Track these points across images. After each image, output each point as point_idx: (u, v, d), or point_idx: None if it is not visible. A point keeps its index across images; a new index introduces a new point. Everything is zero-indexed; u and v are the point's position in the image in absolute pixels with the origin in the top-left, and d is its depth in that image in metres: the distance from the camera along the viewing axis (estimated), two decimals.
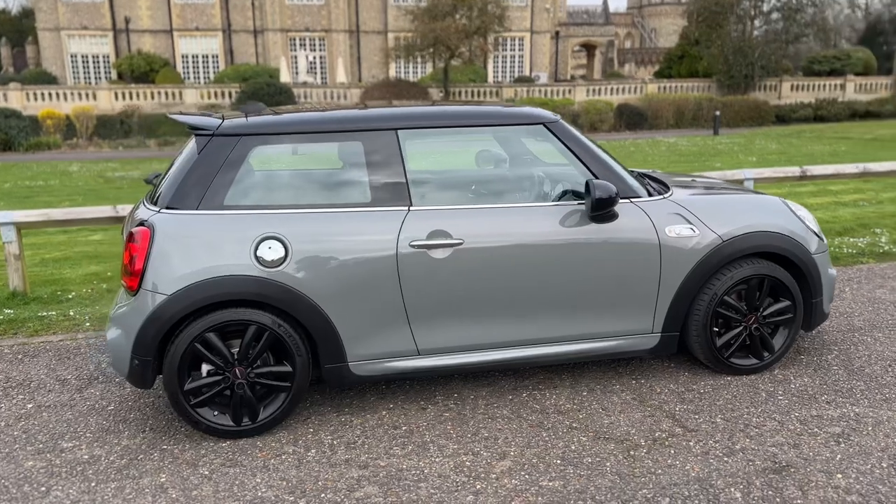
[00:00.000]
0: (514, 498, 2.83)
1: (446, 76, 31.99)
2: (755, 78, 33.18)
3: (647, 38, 68.21)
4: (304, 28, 46.17)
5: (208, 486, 2.98)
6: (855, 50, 37.47)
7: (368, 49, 47.11)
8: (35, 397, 3.87)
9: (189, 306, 3.18)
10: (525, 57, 47.21)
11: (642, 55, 60.19)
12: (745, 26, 34.41)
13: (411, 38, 31.84)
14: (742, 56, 32.88)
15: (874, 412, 3.44)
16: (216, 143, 3.34)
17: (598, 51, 54.28)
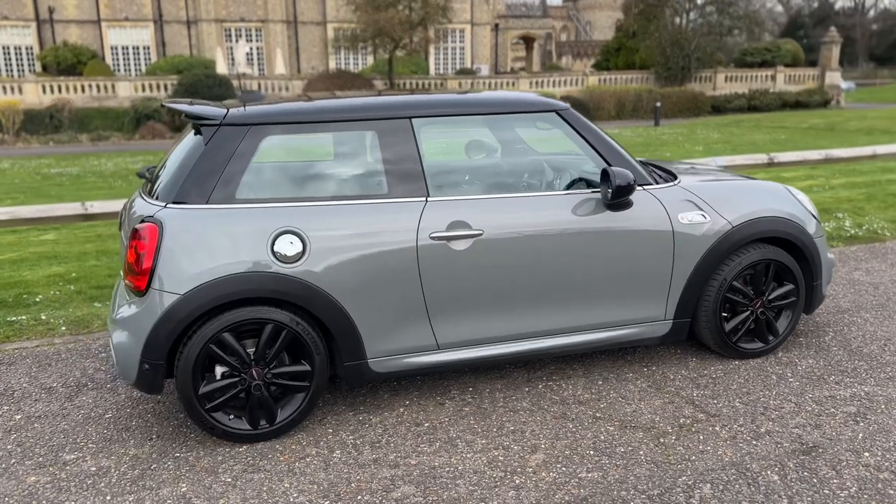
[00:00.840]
0: (556, 491, 2.79)
1: (391, 67, 31.73)
2: (691, 69, 34.09)
3: (582, 31, 69.18)
4: (240, 18, 45.04)
5: (234, 493, 2.84)
6: (784, 42, 38.86)
7: (307, 40, 46.35)
8: (22, 408, 3.63)
9: (203, 305, 3.01)
10: (466, 49, 47.26)
11: (578, 48, 61.03)
12: (681, 19, 35.25)
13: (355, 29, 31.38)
14: (679, 48, 33.71)
15: (882, 391, 3.53)
16: (224, 133, 3.17)
17: (536, 43, 54.76)
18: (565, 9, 70.18)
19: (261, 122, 3.21)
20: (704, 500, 2.70)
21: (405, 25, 29.23)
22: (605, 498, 2.73)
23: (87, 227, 8.21)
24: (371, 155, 3.35)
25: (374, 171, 3.32)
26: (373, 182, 3.31)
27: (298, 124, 3.26)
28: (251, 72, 41.47)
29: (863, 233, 6.71)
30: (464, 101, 3.53)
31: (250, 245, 3.07)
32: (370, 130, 3.33)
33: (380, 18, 28.77)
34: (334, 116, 3.30)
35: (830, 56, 36.06)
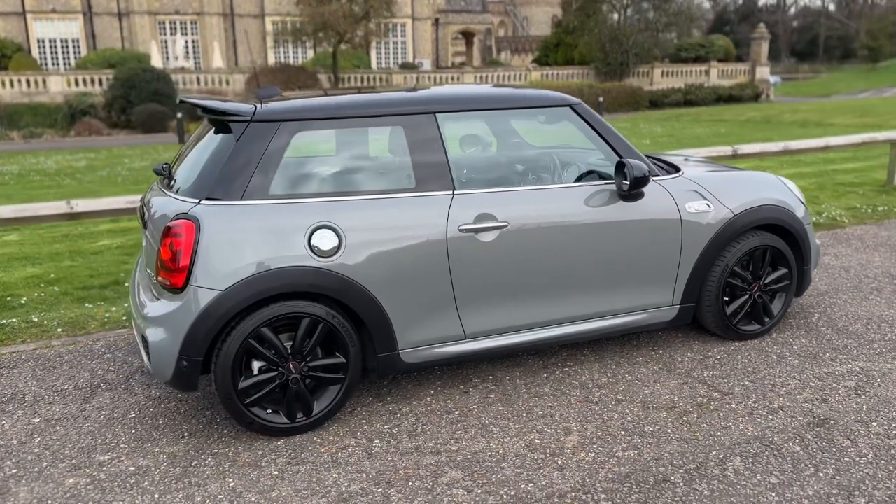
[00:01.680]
0: (598, 469, 2.92)
1: (335, 61, 31.47)
2: (630, 65, 34.97)
3: (519, 27, 69.91)
4: (174, 11, 43.84)
5: (285, 486, 2.87)
6: (717, 38, 40.24)
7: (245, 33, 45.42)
8: (38, 411, 3.55)
9: (244, 301, 3.02)
10: (408, 43, 47.21)
11: (516, 43, 61.68)
12: (619, 15, 36.08)
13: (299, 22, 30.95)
14: (618, 44, 34.53)
15: (875, 365, 3.79)
16: (255, 129, 3.18)
17: (476, 38, 55.10)
18: (502, 4, 70.76)
19: (291, 117, 3.22)
20: (738, 472, 2.87)
21: (350, 19, 28.99)
22: (647, 474, 2.88)
23: (50, 227, 7.96)
24: (399, 150, 3.40)
25: (402, 166, 3.38)
26: (401, 176, 3.37)
27: (328, 120, 3.29)
28: (189, 65, 40.46)
29: (823, 220, 7.09)
30: (484, 97, 3.62)
31: (288, 240, 3.10)
32: (397, 125, 3.39)
33: (324, 12, 28.49)
34: (363, 112, 3.34)
35: (760, 51, 37.51)
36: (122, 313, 4.85)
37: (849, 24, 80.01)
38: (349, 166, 3.45)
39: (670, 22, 36.26)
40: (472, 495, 2.77)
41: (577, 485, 2.82)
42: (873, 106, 24.05)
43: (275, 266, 3.06)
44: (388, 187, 3.34)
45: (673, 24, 36.26)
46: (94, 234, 7.56)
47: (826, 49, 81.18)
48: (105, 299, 5.17)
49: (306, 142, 3.30)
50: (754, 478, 2.83)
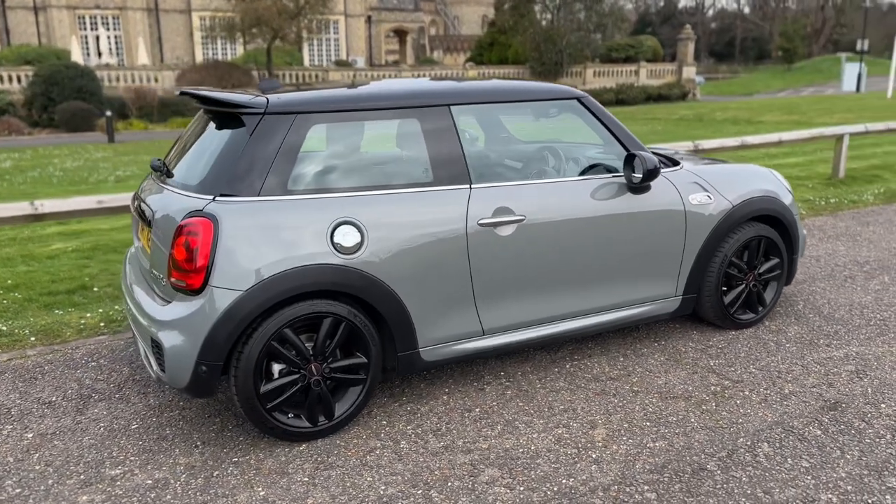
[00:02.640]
0: (633, 461, 2.92)
1: (269, 58, 30.83)
2: (564, 65, 35.54)
3: (450, 26, 70.15)
4: (95, 5, 42.03)
5: (319, 491, 2.76)
6: (646, 38, 41.34)
7: (170, 29, 44.03)
8: (28, 425, 3.31)
9: (267, 301, 2.89)
10: (341, 41, 46.68)
11: (448, 42, 61.87)
12: (552, 15, 36.63)
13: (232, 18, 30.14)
14: (552, 44, 35.05)
15: (868, 350, 3.93)
16: (269, 122, 3.04)
17: (409, 37, 54.95)
18: (433, 3, 70.85)
19: (306, 109, 3.10)
20: (769, 458, 2.92)
21: (285, 15, 28.42)
22: (682, 463, 2.90)
23: None
24: (415, 143, 3.32)
25: (419, 160, 3.30)
26: (419, 170, 3.29)
27: (344, 112, 3.18)
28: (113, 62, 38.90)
29: None
30: (496, 90, 3.57)
31: (311, 237, 2.98)
32: (413, 118, 3.31)
33: (258, 7, 27.82)
34: (379, 104, 3.25)
35: (686, 52, 38.75)
36: (99, 319, 4.58)
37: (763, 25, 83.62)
38: (366, 160, 3.35)
39: (601, 23, 37.06)
40: (514, 493, 2.73)
41: (617, 477, 2.81)
42: (796, 104, 25.18)
43: (298, 264, 2.94)
44: (406, 182, 3.25)
45: (604, 25, 37.07)
46: (44, 238, 7.15)
47: (742, 50, 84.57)
48: (75, 305, 4.88)
49: (322, 134, 3.19)
50: (786, 462, 2.88)
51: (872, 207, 7.55)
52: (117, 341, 4.27)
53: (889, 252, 5.80)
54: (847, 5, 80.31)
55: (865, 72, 32.89)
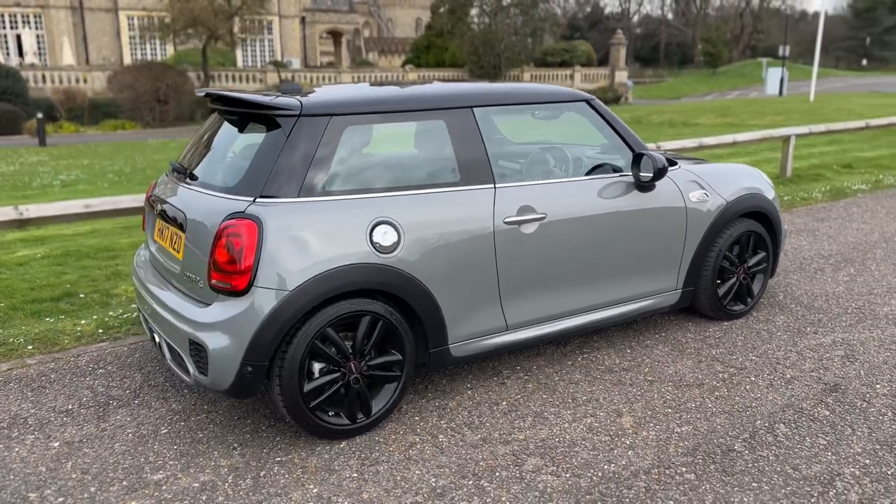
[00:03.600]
0: (666, 446, 3.07)
1: (205, 59, 30.15)
2: (502, 68, 36.04)
3: (384, 28, 70.08)
4: (15, 3, 40.16)
5: (372, 486, 2.81)
6: (580, 43, 42.31)
7: (96, 28, 42.50)
8: (51, 435, 3.23)
9: (312, 300, 2.92)
10: (276, 41, 46.01)
11: (383, 44, 61.81)
12: (489, 19, 37.10)
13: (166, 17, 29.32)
14: (490, 48, 35.49)
15: (852, 336, 4.22)
16: (305, 124, 3.07)
17: (344, 38, 54.60)
18: (366, 5, 70.70)
19: (340, 111, 3.14)
20: (789, 437, 3.12)
21: (222, 15, 27.85)
22: (711, 445, 3.07)
23: None
24: (443, 144, 3.39)
25: (447, 160, 3.38)
26: (447, 170, 3.37)
27: (376, 114, 3.24)
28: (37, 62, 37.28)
29: None
30: (513, 92, 3.68)
31: (352, 237, 3.02)
32: (439, 119, 3.38)
33: (193, 7, 27.16)
34: (408, 105, 3.31)
35: (618, 56, 39.87)
36: (95, 326, 4.47)
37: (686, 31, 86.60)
38: (398, 160, 3.40)
39: (537, 27, 37.74)
40: (561, 480, 2.84)
41: (655, 461, 2.96)
42: (728, 107, 26.26)
43: (341, 264, 2.98)
44: (436, 181, 3.33)
45: (541, 30, 37.76)
46: (5, 245, 6.87)
47: (667, 55, 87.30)
48: (64, 312, 4.74)
49: (356, 136, 3.23)
50: (805, 441, 3.09)
51: (823, 204, 8.01)
52: (120, 347, 4.18)
53: (847, 245, 6.19)
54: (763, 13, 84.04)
55: (787, 76, 34.56)
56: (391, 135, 3.47)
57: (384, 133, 3.40)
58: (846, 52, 78.40)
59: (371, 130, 3.30)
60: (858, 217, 7.30)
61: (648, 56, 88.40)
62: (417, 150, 3.52)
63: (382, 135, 3.39)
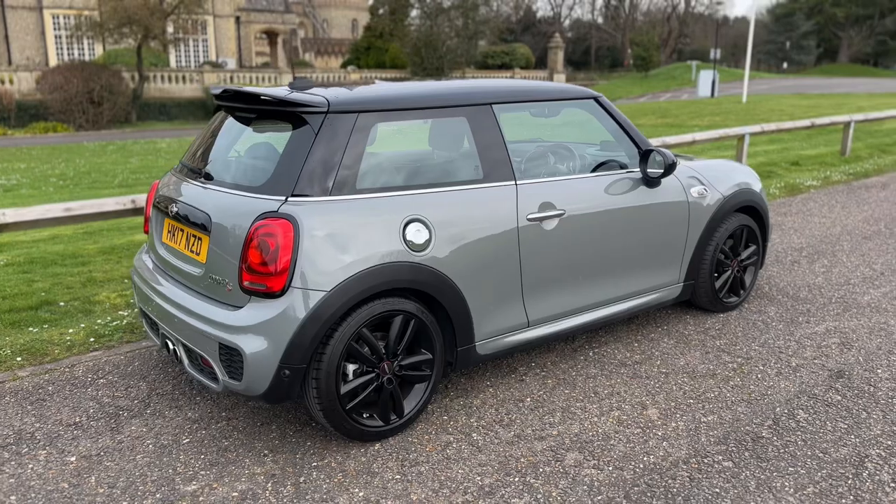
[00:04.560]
0: (697, 435, 3.13)
1: (140, 59, 29.16)
2: (445, 69, 36.17)
3: (319, 29, 69.38)
4: None
5: (418, 487, 2.77)
6: (519, 46, 42.84)
7: (19, 27, 40.68)
8: (64, 449, 3.07)
9: (351, 300, 2.86)
10: (210, 41, 44.93)
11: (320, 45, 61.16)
12: (431, 22, 37.18)
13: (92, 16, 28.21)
14: (433, 50, 35.56)
15: (843, 324, 4.39)
16: (333, 121, 3.00)
17: (280, 38, 53.73)
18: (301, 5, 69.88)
19: (367, 108, 3.09)
20: (811, 422, 3.23)
21: (158, 14, 27.01)
22: (740, 433, 3.14)
23: None
24: (465, 141, 3.38)
25: (470, 157, 3.36)
26: (470, 167, 3.35)
27: (402, 111, 3.19)
28: None
29: None
30: (528, 89, 3.69)
31: (387, 235, 2.97)
32: (461, 116, 3.36)
33: (128, 6, 26.24)
34: (432, 102, 3.28)
35: (556, 59, 40.54)
36: (85, 335, 4.27)
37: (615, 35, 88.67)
38: (424, 158, 3.36)
39: (478, 30, 38.03)
40: (605, 473, 2.86)
41: (691, 451, 3.01)
42: (666, 108, 26.99)
43: (378, 262, 2.93)
44: (461, 179, 3.31)
45: (481, 33, 38.07)
46: None
47: (597, 58, 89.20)
48: (48, 321, 4.50)
49: (382, 133, 3.18)
50: (826, 426, 3.20)
51: (782, 199, 8.33)
52: (116, 356, 4.01)
53: (815, 238, 6.45)
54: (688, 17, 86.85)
55: (718, 78, 35.79)
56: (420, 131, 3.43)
57: (412, 129, 3.35)
58: (767, 56, 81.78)
59: (398, 127, 3.25)
60: (817, 212, 7.62)
61: (580, 60, 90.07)
62: (441, 148, 3.48)
63: (409, 132, 3.34)
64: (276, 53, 54.46)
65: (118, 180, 11.79)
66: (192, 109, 31.51)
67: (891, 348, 4.02)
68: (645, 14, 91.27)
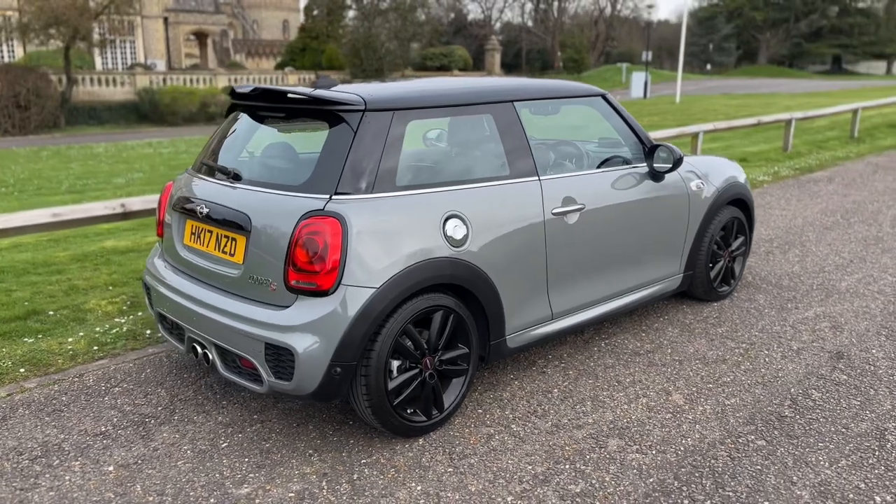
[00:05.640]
0: (726, 417, 3.27)
1: (68, 61, 28.00)
2: (385, 71, 36.07)
3: (249, 30, 68.11)
4: None
5: (473, 478, 2.80)
6: (457, 48, 43.10)
7: None
8: (98, 459, 2.97)
9: (399, 296, 2.87)
10: (138, 42, 43.53)
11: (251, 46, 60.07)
12: (369, 23, 37.02)
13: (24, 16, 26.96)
14: (372, 51, 35.42)
15: (827, 309, 4.64)
16: (371, 119, 3.01)
17: (210, 39, 52.54)
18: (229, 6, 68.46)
19: (402, 106, 3.10)
20: (826, 400, 3.41)
21: (87, 14, 25.99)
22: (765, 413, 3.29)
23: None
24: (491, 138, 3.43)
25: (497, 154, 3.41)
26: (497, 164, 3.40)
27: (434, 108, 3.22)
28: None
29: None
30: (542, 87, 3.76)
31: (429, 231, 3.00)
32: (487, 114, 3.41)
33: (56, 6, 25.16)
34: (462, 100, 3.32)
35: (494, 62, 41.02)
36: (86, 343, 4.12)
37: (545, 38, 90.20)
38: (456, 154, 3.39)
39: (417, 32, 38.09)
40: (649, 457, 2.96)
41: (724, 433, 3.14)
42: None
43: (422, 258, 2.95)
44: (490, 174, 3.35)
45: (419, 34, 38.14)
46: None
47: (528, 61, 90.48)
48: (40, 332, 4.32)
49: (416, 130, 3.20)
50: (841, 403, 3.39)
51: None
52: (124, 364, 3.89)
53: (781, 230, 6.76)
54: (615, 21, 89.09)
55: (650, 80, 36.87)
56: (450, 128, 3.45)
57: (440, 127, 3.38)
58: (691, 58, 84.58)
59: (429, 125, 3.28)
60: (776, 205, 7.98)
61: (511, 62, 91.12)
62: (470, 145, 3.52)
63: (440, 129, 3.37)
64: (206, 55, 53.21)
65: (65, 186, 11.34)
66: (124, 113, 30.46)
67: (878, 330, 4.28)
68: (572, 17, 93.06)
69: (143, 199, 4.77)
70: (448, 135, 3.39)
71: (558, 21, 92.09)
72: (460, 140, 3.44)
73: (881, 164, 11.05)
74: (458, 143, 3.41)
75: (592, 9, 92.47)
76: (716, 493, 2.70)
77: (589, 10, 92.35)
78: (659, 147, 4.00)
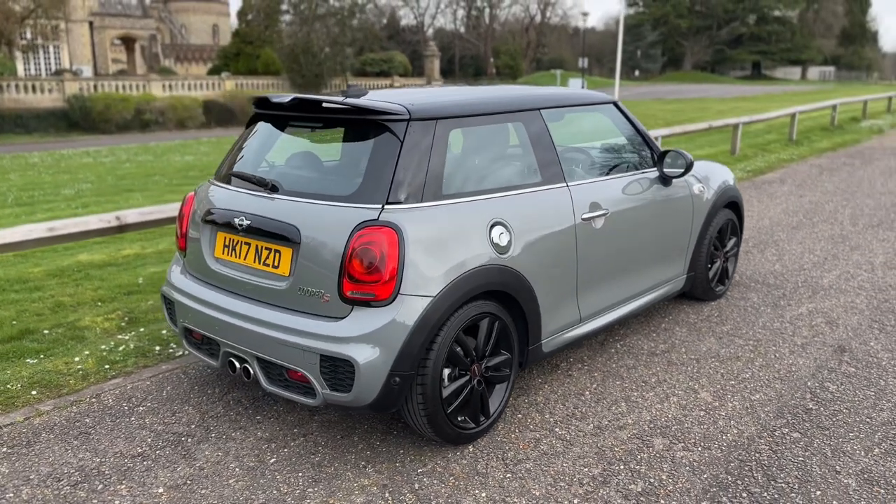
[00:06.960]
0: (756, 411, 3.39)
1: None
2: (325, 76, 35.72)
3: (177, 35, 66.40)
4: None
5: (533, 483, 2.83)
6: (396, 54, 43.07)
7: None
8: (144, 482, 2.87)
9: (454, 304, 2.88)
10: (63, 48, 41.83)
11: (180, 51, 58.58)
12: (308, 28, 36.61)
13: None
14: (312, 56, 35.02)
15: (818, 305, 4.87)
16: (416, 128, 3.01)
17: (138, 44, 50.97)
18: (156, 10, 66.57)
19: (445, 115, 3.11)
20: (843, 391, 3.58)
21: (13, 18, 24.85)
22: (791, 407, 3.44)
23: None
24: (523, 145, 3.47)
25: (529, 161, 3.46)
26: (530, 171, 3.45)
27: (473, 116, 3.24)
28: None
29: None
30: (563, 96, 3.83)
31: (477, 239, 3.02)
32: (518, 122, 3.46)
33: None
34: (498, 108, 3.36)
35: (433, 67, 41.15)
36: (95, 362, 3.96)
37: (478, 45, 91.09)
38: (494, 162, 3.41)
39: (355, 37, 37.88)
40: (696, 454, 3.05)
41: (759, 427, 3.26)
42: None
43: (473, 266, 2.96)
44: (525, 182, 3.40)
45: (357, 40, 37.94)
46: None
47: (462, 67, 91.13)
48: (40, 352, 4.13)
49: (457, 139, 3.21)
50: (857, 394, 3.56)
51: None
52: (142, 382, 3.76)
53: (752, 230, 7.04)
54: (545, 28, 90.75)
55: (586, 86, 37.73)
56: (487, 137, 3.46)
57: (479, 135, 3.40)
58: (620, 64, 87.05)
59: (469, 134, 3.30)
60: None
61: (445, 68, 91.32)
62: (504, 152, 3.55)
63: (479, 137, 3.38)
64: (134, 60, 51.60)
65: (11, 199, 10.81)
66: (53, 121, 29.21)
67: (869, 324, 4.51)
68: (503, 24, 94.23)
69: (140, 212, 4.61)
70: (486, 143, 3.41)
71: (490, 28, 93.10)
72: (498, 148, 3.48)
73: (824, 166, 11.62)
74: (494, 151, 3.45)
75: (523, 16, 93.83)
76: (770, 485, 2.81)
77: (520, 17, 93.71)
78: (669, 152, 4.12)
